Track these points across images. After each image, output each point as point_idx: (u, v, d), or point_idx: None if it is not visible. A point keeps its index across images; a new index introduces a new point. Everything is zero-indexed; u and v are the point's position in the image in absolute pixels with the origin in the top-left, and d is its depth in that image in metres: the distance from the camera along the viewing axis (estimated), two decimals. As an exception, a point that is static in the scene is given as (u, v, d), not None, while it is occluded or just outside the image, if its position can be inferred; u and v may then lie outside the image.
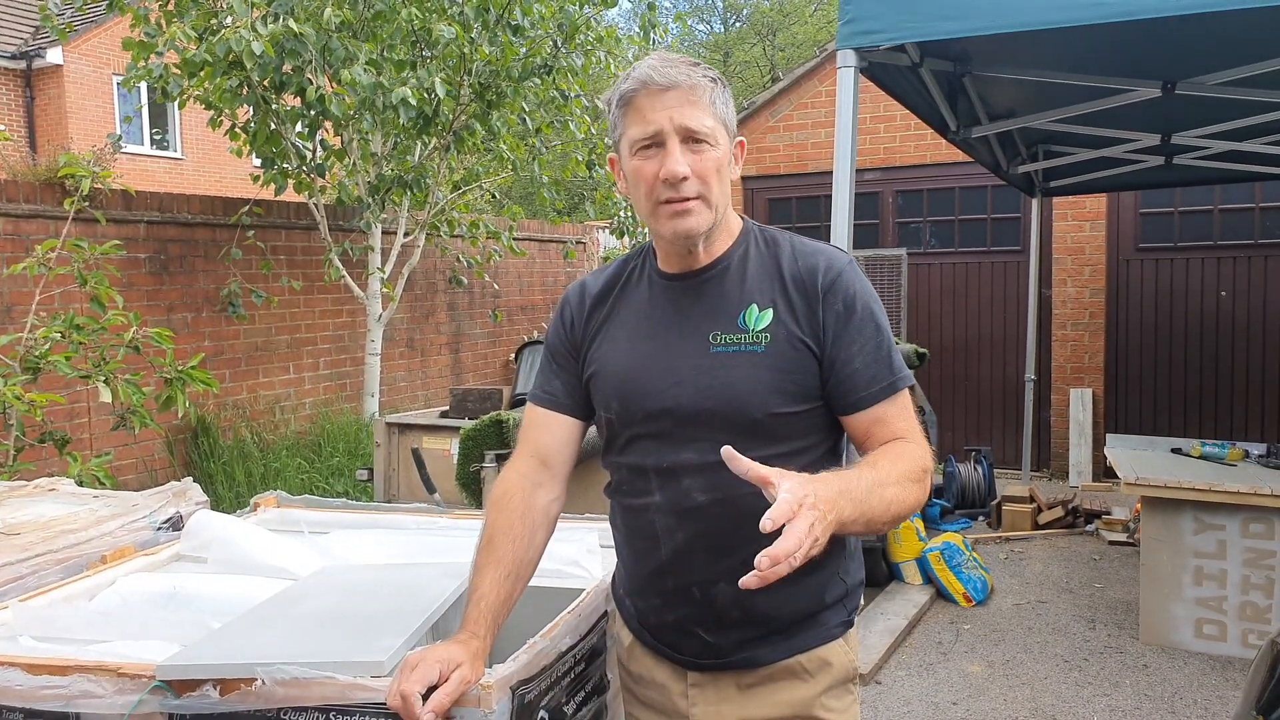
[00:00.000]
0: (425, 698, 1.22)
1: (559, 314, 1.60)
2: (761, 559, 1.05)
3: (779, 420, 1.40)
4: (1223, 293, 6.98)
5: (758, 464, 1.15)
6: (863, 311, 1.41)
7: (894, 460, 1.32)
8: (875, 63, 3.29)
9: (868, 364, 1.40)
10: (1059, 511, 5.95)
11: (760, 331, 1.41)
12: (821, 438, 1.46)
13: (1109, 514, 5.98)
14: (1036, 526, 5.95)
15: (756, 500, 1.39)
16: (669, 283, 1.49)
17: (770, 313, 1.41)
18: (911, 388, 1.44)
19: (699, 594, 1.44)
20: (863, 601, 1.69)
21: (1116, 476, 4.48)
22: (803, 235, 1.52)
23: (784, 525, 1.08)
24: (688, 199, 1.38)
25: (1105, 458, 5.56)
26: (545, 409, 1.56)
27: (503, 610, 1.40)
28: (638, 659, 1.56)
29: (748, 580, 1.06)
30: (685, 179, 1.36)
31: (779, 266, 1.45)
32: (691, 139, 1.37)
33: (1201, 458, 4.63)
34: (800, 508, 1.09)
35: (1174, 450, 4.83)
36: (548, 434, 1.54)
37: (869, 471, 1.27)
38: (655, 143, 1.38)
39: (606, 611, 1.65)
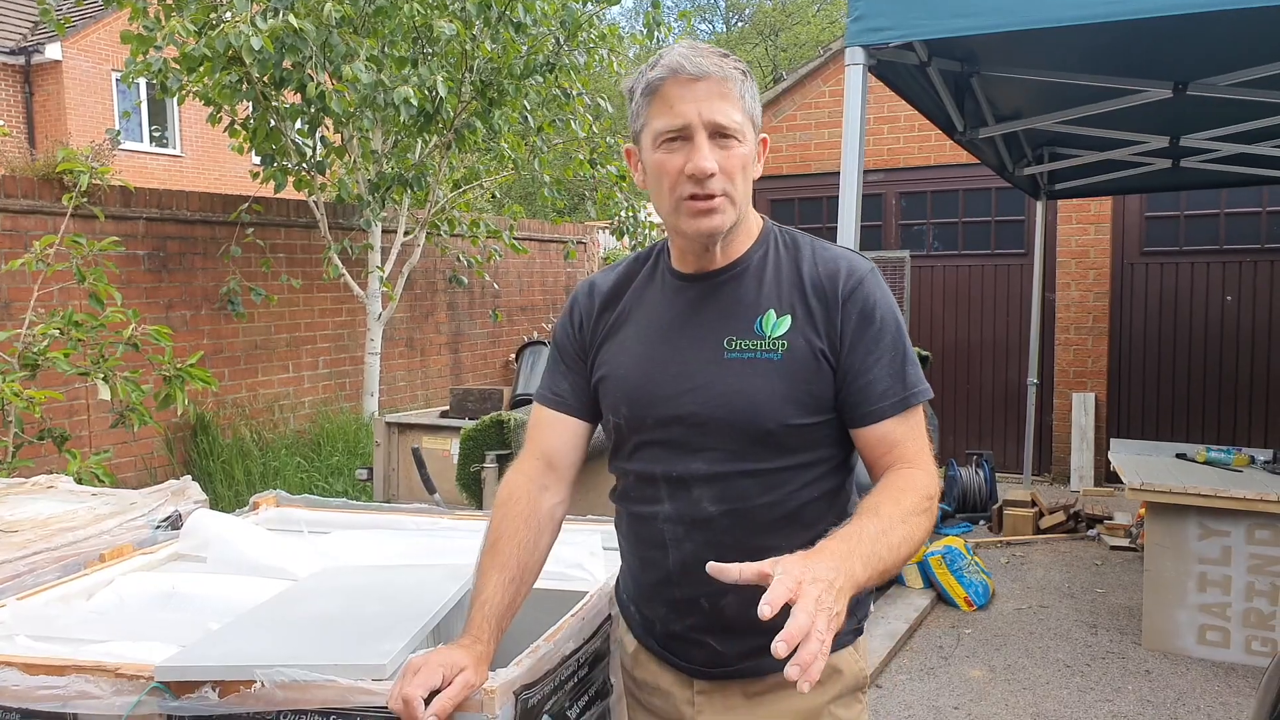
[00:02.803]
0: (427, 702, 1.20)
1: (568, 313, 1.55)
2: (778, 645, 0.98)
3: (792, 431, 1.35)
4: (1228, 297, 6.96)
5: (748, 565, 1.08)
6: (882, 322, 1.36)
7: (896, 499, 1.27)
8: (883, 61, 3.26)
9: (883, 376, 1.35)
10: (1060, 516, 5.93)
11: (778, 338, 1.36)
12: (834, 450, 1.41)
13: (1111, 519, 5.96)
14: (1038, 531, 5.93)
15: (769, 511, 1.37)
16: (683, 283, 1.44)
17: (788, 319, 1.36)
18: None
19: (707, 605, 1.41)
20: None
21: (1118, 481, 4.47)
22: (822, 239, 1.47)
23: (788, 606, 1.02)
24: (712, 196, 1.32)
25: (1107, 462, 5.55)
26: (552, 410, 1.51)
27: (507, 615, 1.37)
28: (643, 665, 1.53)
29: (790, 673, 0.98)
30: (712, 175, 1.30)
31: (799, 271, 1.39)
32: (720, 134, 1.31)
33: (1207, 463, 4.61)
34: (800, 584, 1.04)
35: (1179, 455, 4.81)
36: (554, 436, 1.50)
37: (872, 522, 1.21)
38: (682, 136, 1.32)
39: (610, 615, 1.63)
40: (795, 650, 0.98)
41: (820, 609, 1.02)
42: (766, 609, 1.00)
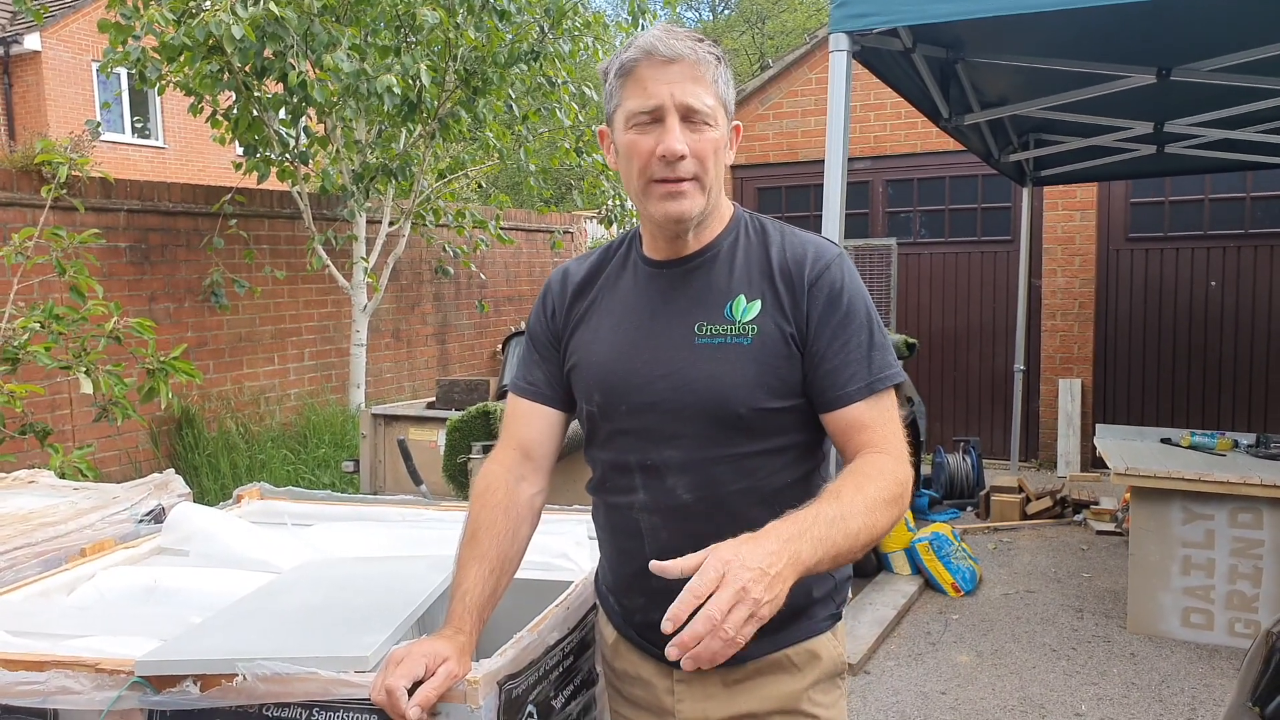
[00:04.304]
0: (411, 693, 1.19)
1: (541, 301, 1.54)
2: (665, 623, 1.00)
3: (763, 416, 1.35)
4: (1213, 283, 7.01)
5: (686, 559, 1.08)
6: (849, 306, 1.36)
7: (860, 485, 1.24)
8: (868, 47, 3.26)
9: (848, 361, 1.35)
10: (1047, 502, 5.96)
11: (747, 323, 1.36)
12: (805, 435, 1.41)
13: (1097, 504, 5.99)
14: (1025, 517, 5.96)
15: (743, 497, 1.38)
16: (655, 270, 1.44)
17: (758, 304, 1.37)
18: (899, 385, 1.39)
19: None
20: (850, 593, 1.67)
21: (1105, 466, 4.50)
22: (794, 225, 1.48)
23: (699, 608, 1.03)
24: (682, 180, 1.32)
25: (1093, 448, 5.57)
26: (527, 400, 1.51)
27: (488, 605, 1.37)
28: (623, 656, 1.53)
29: (670, 652, 1.01)
30: (682, 158, 1.30)
31: (768, 256, 1.40)
32: (691, 117, 1.31)
33: (1191, 447, 4.64)
34: (724, 579, 1.03)
35: (1163, 440, 4.84)
36: (530, 426, 1.50)
37: (831, 505, 1.19)
38: (654, 118, 1.31)
39: (596, 604, 1.62)
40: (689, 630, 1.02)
41: (743, 599, 1.02)
42: (668, 625, 1.01)
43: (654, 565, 1.10)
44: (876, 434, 1.34)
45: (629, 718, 1.54)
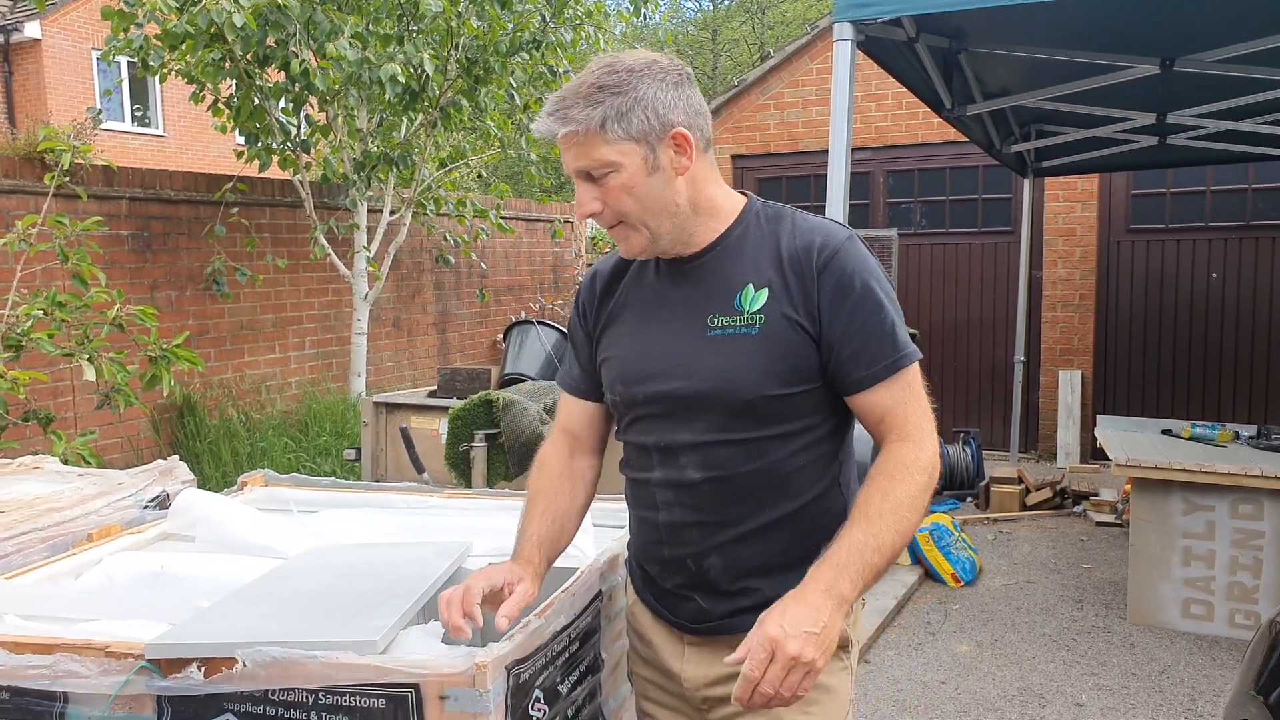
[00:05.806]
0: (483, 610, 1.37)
1: (576, 301, 1.63)
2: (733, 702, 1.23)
3: (772, 402, 1.39)
4: (1214, 274, 7.00)
5: (740, 651, 1.22)
6: (861, 289, 1.37)
7: (886, 491, 1.32)
8: (871, 37, 3.25)
9: (867, 344, 1.37)
10: (1047, 493, 5.97)
11: (755, 313, 1.39)
12: (822, 418, 1.44)
13: (1097, 495, 6.01)
14: (1025, 508, 5.97)
15: (751, 479, 1.43)
16: (671, 265, 1.49)
17: (766, 292, 1.39)
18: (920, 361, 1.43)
19: (693, 565, 1.48)
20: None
21: (1105, 458, 4.50)
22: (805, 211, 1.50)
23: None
24: (613, 227, 1.42)
25: (1093, 439, 5.58)
26: (570, 395, 1.64)
27: (553, 548, 1.53)
28: (639, 617, 1.62)
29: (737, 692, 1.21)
30: (598, 213, 1.40)
31: (778, 244, 1.42)
32: (591, 175, 1.38)
33: (1192, 439, 4.65)
34: (773, 656, 1.19)
35: (1164, 431, 4.84)
36: (573, 418, 1.63)
37: (861, 530, 1.29)
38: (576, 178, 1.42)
39: (601, 591, 1.65)
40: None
41: (795, 667, 1.18)
42: (737, 704, 1.21)
43: (727, 661, 1.26)
44: (898, 417, 1.39)
45: (642, 675, 1.64)
